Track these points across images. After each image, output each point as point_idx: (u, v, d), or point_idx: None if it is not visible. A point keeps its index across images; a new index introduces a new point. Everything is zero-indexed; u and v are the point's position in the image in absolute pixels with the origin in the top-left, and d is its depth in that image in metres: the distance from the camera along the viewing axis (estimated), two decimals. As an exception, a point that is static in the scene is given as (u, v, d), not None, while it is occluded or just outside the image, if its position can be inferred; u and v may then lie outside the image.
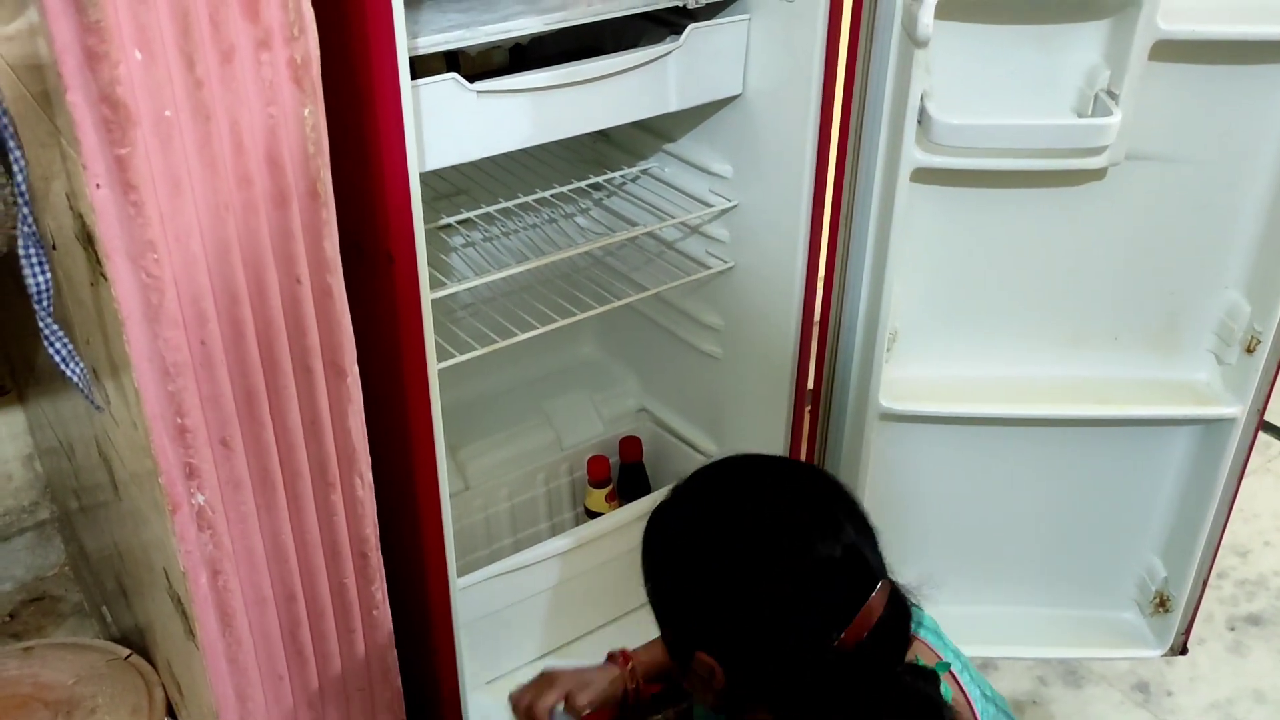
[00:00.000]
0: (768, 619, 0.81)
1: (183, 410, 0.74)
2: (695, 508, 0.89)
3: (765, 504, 0.85)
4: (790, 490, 0.87)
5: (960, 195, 1.35)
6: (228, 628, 0.84)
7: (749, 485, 0.89)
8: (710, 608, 0.83)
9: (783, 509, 0.85)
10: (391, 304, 1.09)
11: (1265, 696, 1.76)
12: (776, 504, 0.85)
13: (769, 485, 0.88)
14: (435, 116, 1.13)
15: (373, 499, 0.90)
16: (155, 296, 0.70)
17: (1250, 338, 1.37)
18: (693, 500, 0.90)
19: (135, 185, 0.66)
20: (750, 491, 0.87)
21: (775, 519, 0.84)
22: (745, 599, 0.81)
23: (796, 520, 0.84)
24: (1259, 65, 1.24)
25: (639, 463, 1.72)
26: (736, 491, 0.89)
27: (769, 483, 0.88)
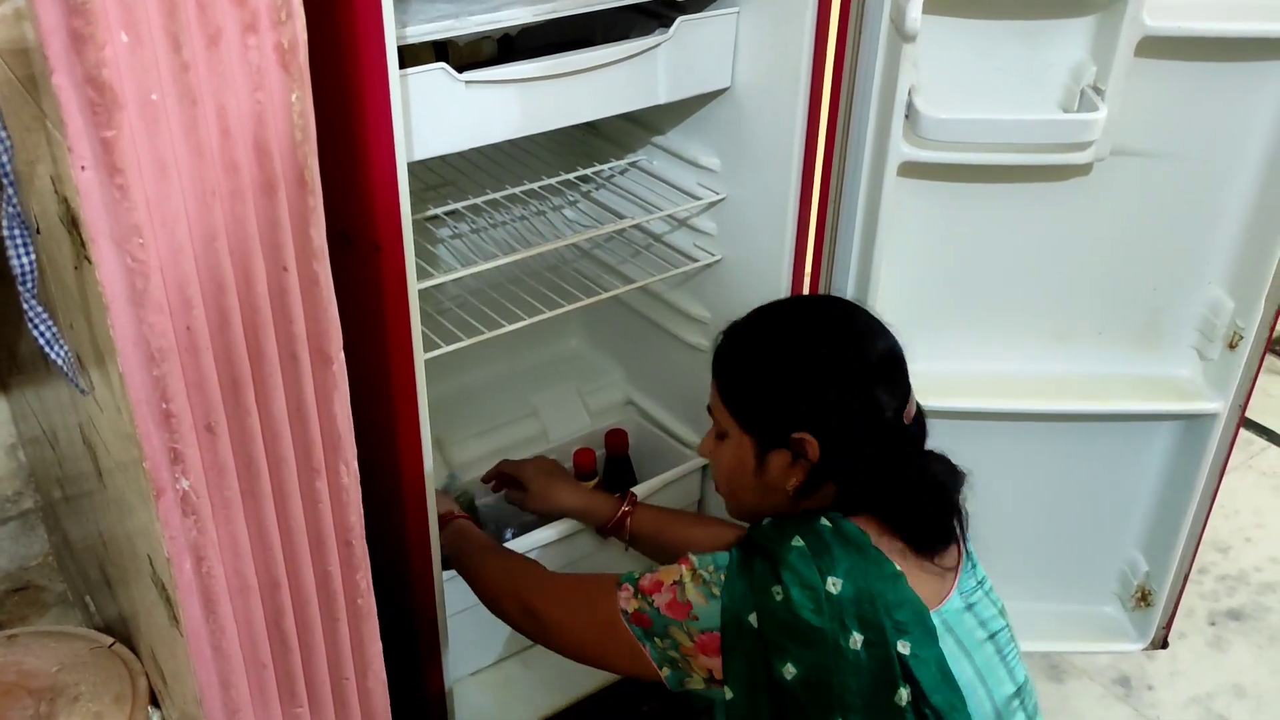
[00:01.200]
0: (862, 396, 1.04)
1: (167, 395, 0.74)
2: (788, 321, 1.11)
3: (843, 316, 1.11)
4: (852, 306, 1.14)
5: (947, 190, 1.35)
6: (211, 614, 0.84)
7: (823, 303, 1.16)
8: (815, 392, 1.04)
9: (854, 316, 1.10)
10: (378, 294, 1.09)
11: (1245, 691, 1.77)
12: (850, 313, 1.11)
13: (837, 303, 1.15)
14: (424, 106, 1.13)
15: (358, 487, 0.90)
16: (140, 281, 0.69)
17: (1233, 334, 1.38)
18: (783, 318, 1.13)
19: (121, 168, 0.66)
20: (829, 309, 1.13)
21: (854, 323, 1.09)
22: (843, 383, 1.04)
23: (867, 324, 1.09)
24: (1244, 62, 1.25)
25: (625, 455, 1.72)
26: (817, 309, 1.14)
27: (835, 302, 1.15)
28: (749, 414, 1.09)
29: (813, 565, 0.99)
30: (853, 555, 1.01)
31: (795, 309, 1.17)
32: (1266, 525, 2.11)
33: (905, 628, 0.99)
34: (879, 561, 1.02)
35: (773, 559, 1.01)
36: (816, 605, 0.98)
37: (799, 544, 1.01)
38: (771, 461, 1.07)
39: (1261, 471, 2.25)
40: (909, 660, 0.98)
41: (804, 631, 0.98)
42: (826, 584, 0.98)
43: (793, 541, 1.02)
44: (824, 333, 1.07)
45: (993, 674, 1.05)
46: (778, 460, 1.07)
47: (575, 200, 1.65)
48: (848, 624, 0.98)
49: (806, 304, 1.21)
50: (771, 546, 1.02)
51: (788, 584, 0.99)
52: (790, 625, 0.98)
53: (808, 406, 1.05)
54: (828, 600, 0.98)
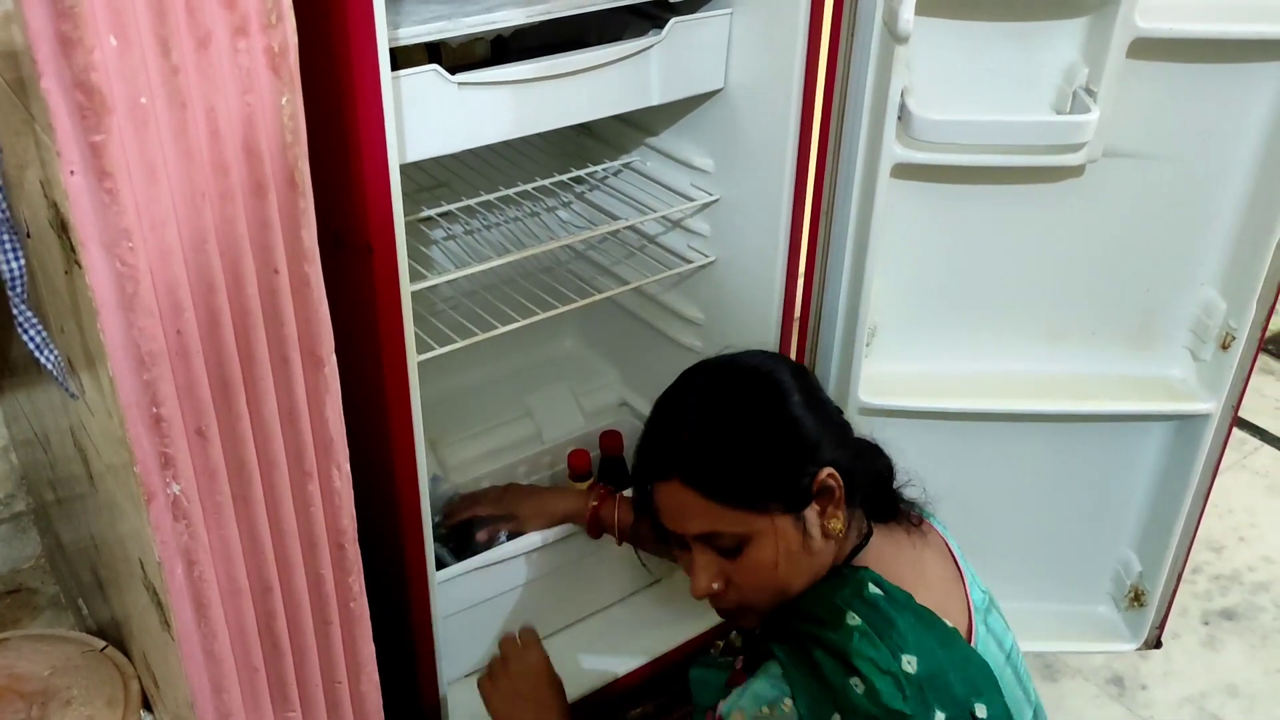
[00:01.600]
0: (825, 409, 1.05)
1: (158, 400, 0.74)
2: (713, 391, 1.05)
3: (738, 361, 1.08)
4: (733, 354, 1.09)
5: (940, 191, 1.35)
6: (203, 619, 0.84)
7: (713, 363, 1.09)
8: (802, 428, 1.01)
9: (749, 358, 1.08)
10: (371, 295, 1.09)
11: (1238, 690, 1.78)
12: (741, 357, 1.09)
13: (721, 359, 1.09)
14: (416, 108, 1.13)
15: (350, 490, 0.90)
16: (130, 285, 0.69)
17: (1225, 334, 1.38)
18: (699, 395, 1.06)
19: (110, 172, 0.66)
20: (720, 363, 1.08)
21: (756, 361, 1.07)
22: (809, 404, 1.03)
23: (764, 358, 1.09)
24: (1236, 64, 1.25)
25: (619, 456, 1.72)
26: (714, 368, 1.08)
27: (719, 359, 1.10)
28: (767, 492, 0.99)
29: (882, 646, 0.93)
30: (911, 622, 0.96)
31: (703, 381, 1.07)
32: (1259, 525, 2.12)
33: (979, 689, 0.95)
34: (933, 622, 0.98)
35: (838, 649, 0.93)
36: (900, 689, 0.92)
37: (858, 623, 0.94)
38: (810, 520, 1.00)
39: (1255, 471, 2.26)
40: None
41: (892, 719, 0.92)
42: (902, 664, 0.93)
43: (849, 621, 0.95)
44: (754, 378, 1.04)
45: (1014, 701, 1.02)
46: (813, 515, 1.00)
47: (569, 201, 1.64)
48: (930, 703, 0.92)
49: (705, 372, 1.09)
50: (829, 634, 0.94)
51: (867, 674, 0.92)
52: (877, 717, 0.91)
53: (809, 444, 1.00)
54: (908, 681, 0.92)
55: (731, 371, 1.06)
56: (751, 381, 1.04)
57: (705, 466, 0.98)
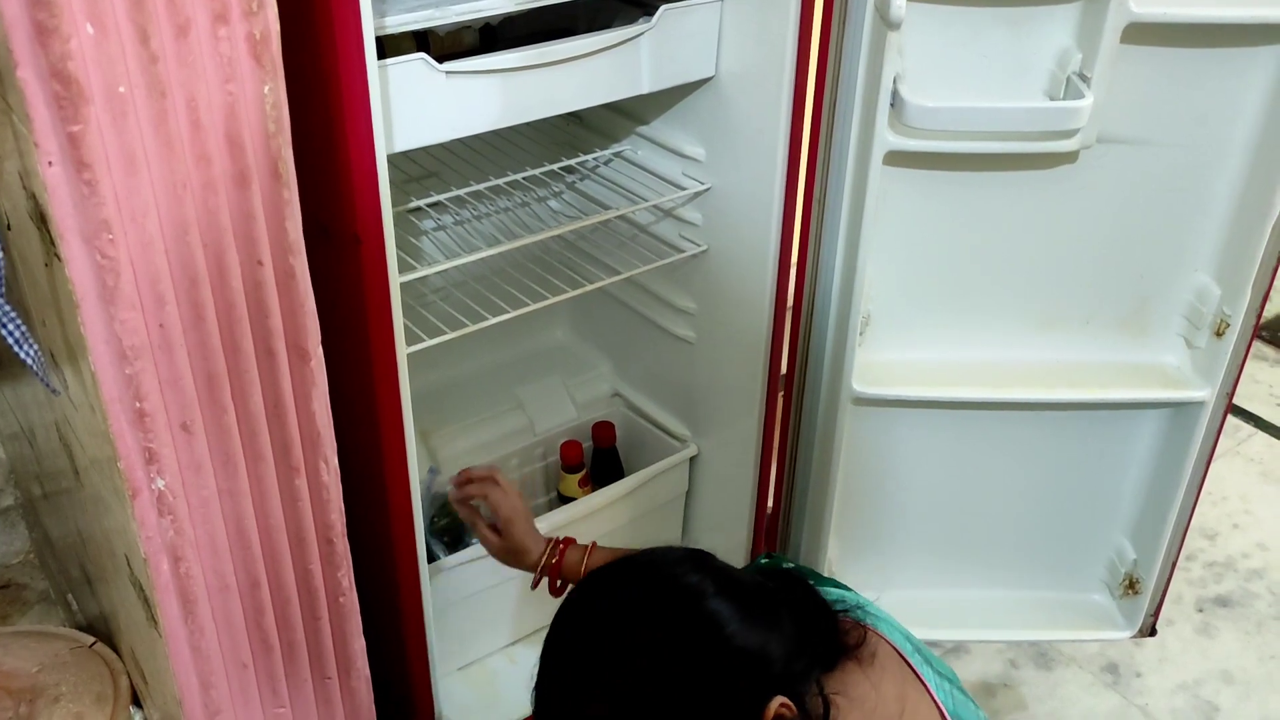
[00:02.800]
0: (762, 627, 0.84)
1: (141, 394, 0.73)
2: (658, 621, 0.83)
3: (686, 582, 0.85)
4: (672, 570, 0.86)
5: (933, 178, 1.34)
6: (190, 615, 0.83)
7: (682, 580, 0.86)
8: (752, 661, 0.83)
9: (690, 575, 0.85)
10: (359, 287, 1.07)
11: (1233, 677, 1.78)
12: (688, 579, 0.85)
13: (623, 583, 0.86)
14: (404, 97, 1.12)
15: (338, 484, 0.89)
16: (111, 278, 0.68)
17: (1219, 321, 1.38)
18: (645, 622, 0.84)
19: (89, 163, 0.64)
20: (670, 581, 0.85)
21: (705, 588, 0.84)
22: (756, 633, 0.83)
23: (699, 578, 0.85)
24: (1231, 48, 1.24)
25: (612, 448, 1.71)
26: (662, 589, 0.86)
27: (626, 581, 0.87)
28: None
29: None
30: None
31: (605, 631, 0.84)
32: (1254, 512, 2.12)
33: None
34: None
35: None
36: None
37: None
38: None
39: (1249, 458, 2.26)
40: None
41: None
42: None
43: None
44: (672, 609, 0.83)
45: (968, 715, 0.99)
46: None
47: (560, 191, 1.63)
48: None
49: (603, 611, 0.86)
50: None
51: None
52: None
53: (748, 677, 0.82)
54: None
55: (640, 603, 0.84)
56: (666, 614, 0.82)
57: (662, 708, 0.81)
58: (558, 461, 1.70)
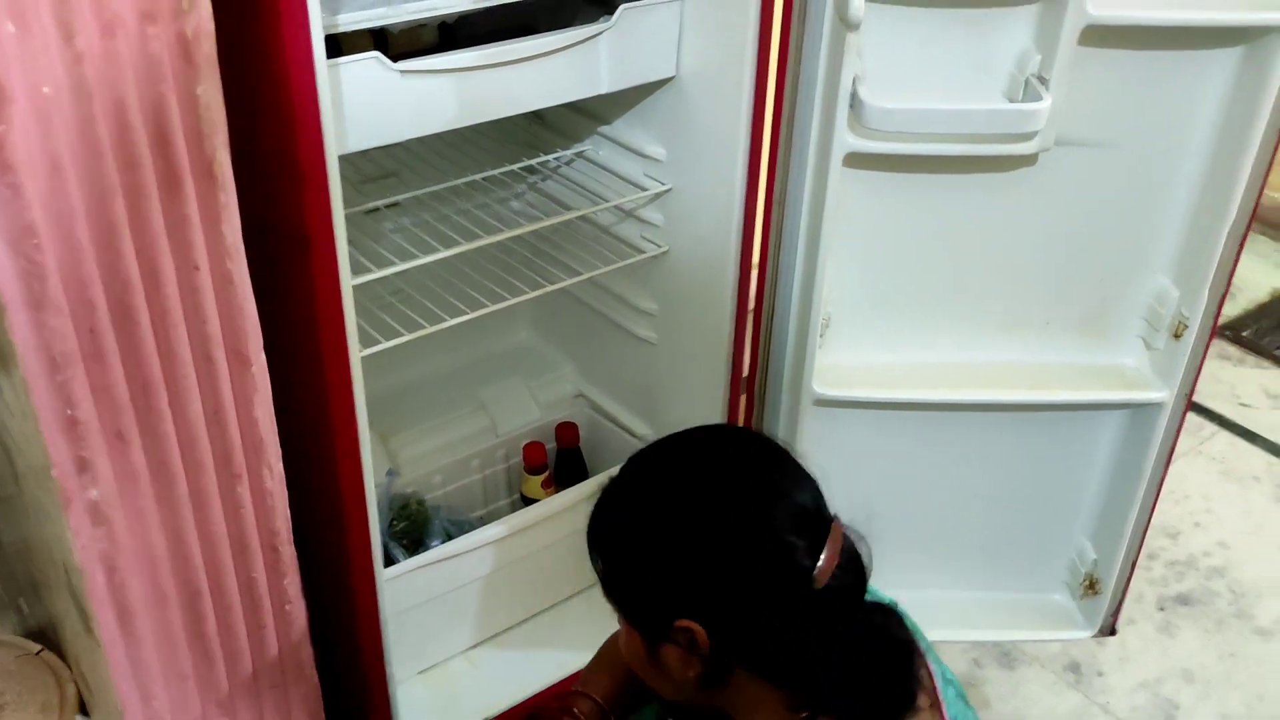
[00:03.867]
0: (750, 568, 0.84)
1: (72, 402, 0.71)
2: (656, 483, 0.91)
3: (724, 466, 0.89)
4: (741, 449, 0.91)
5: (893, 180, 1.34)
6: (127, 626, 0.81)
7: (701, 453, 0.92)
8: (691, 571, 0.85)
9: (741, 467, 0.89)
10: (309, 289, 1.06)
11: (1193, 676, 1.79)
12: (735, 463, 0.89)
13: (720, 449, 0.91)
14: (357, 96, 1.10)
15: (284, 490, 0.88)
16: (37, 284, 0.66)
17: (1178, 323, 1.39)
18: (650, 477, 0.92)
19: (11, 166, 0.63)
20: (705, 457, 0.90)
21: (738, 477, 0.88)
22: (725, 555, 0.84)
23: (757, 474, 0.88)
24: (1187, 50, 1.25)
25: (576, 449, 1.70)
26: (692, 460, 0.91)
27: (718, 447, 0.92)
28: (626, 603, 0.92)
29: None
30: None
31: (682, 460, 0.93)
32: (1215, 510, 2.13)
33: None
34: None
35: None
36: None
37: None
38: (666, 655, 0.88)
39: (1211, 457, 2.27)
40: None
41: None
42: None
43: None
44: (713, 491, 0.87)
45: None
46: (670, 653, 0.88)
47: (521, 192, 1.62)
48: None
49: (695, 451, 0.94)
50: None
51: None
52: None
53: (682, 589, 0.86)
54: None
55: (692, 465, 0.91)
56: (687, 489, 0.88)
57: (595, 547, 0.93)
58: (520, 463, 1.69)
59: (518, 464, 1.72)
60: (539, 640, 1.58)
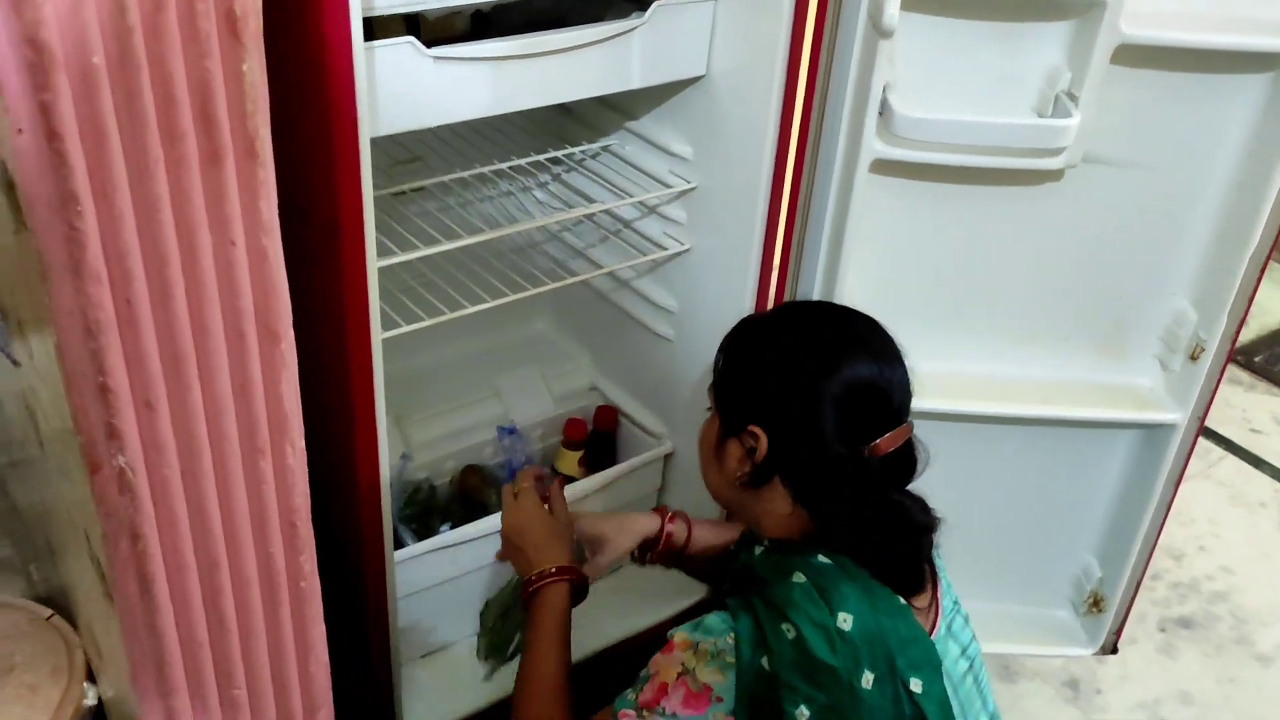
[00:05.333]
0: (819, 411, 1.00)
1: (105, 369, 0.72)
2: (793, 320, 1.08)
3: (848, 327, 1.07)
4: (868, 324, 1.08)
5: (918, 189, 1.35)
6: (146, 593, 0.82)
7: (843, 315, 1.10)
8: (781, 392, 1.01)
9: (860, 334, 1.06)
10: (336, 270, 1.07)
11: (1192, 698, 1.79)
12: (861, 336, 1.06)
13: (858, 320, 1.08)
14: (390, 81, 1.11)
15: (304, 468, 0.88)
16: (77, 251, 0.67)
17: (1195, 345, 1.39)
18: (791, 314, 1.11)
19: (59, 133, 0.64)
20: (844, 320, 1.08)
21: (854, 339, 1.05)
22: (809, 391, 1.00)
23: (869, 344, 1.05)
24: (1219, 75, 1.25)
25: (611, 432, 1.71)
26: (831, 316, 1.10)
27: (856, 318, 1.09)
28: (721, 394, 1.09)
29: (820, 602, 0.95)
30: (858, 590, 0.96)
31: (810, 313, 1.13)
32: (1221, 535, 2.13)
33: (917, 664, 0.96)
34: (885, 596, 0.98)
35: (776, 599, 0.95)
36: (829, 643, 0.93)
37: (801, 580, 0.97)
38: (728, 448, 1.06)
39: (1218, 481, 2.27)
40: (919, 699, 0.95)
41: (817, 670, 0.92)
42: (837, 620, 0.94)
43: (794, 579, 0.97)
44: (813, 339, 1.04)
45: (972, 707, 1.03)
46: (734, 449, 1.06)
47: (546, 182, 1.63)
48: (860, 662, 0.93)
49: (824, 311, 1.16)
50: (771, 584, 0.97)
51: (798, 622, 0.93)
52: (803, 664, 0.92)
53: (763, 401, 1.04)
54: (840, 637, 0.93)
55: (833, 319, 1.09)
56: (819, 331, 1.05)
57: (723, 345, 1.10)
58: (537, 452, 1.70)
59: (535, 452, 1.73)
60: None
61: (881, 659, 0.94)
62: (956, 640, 1.05)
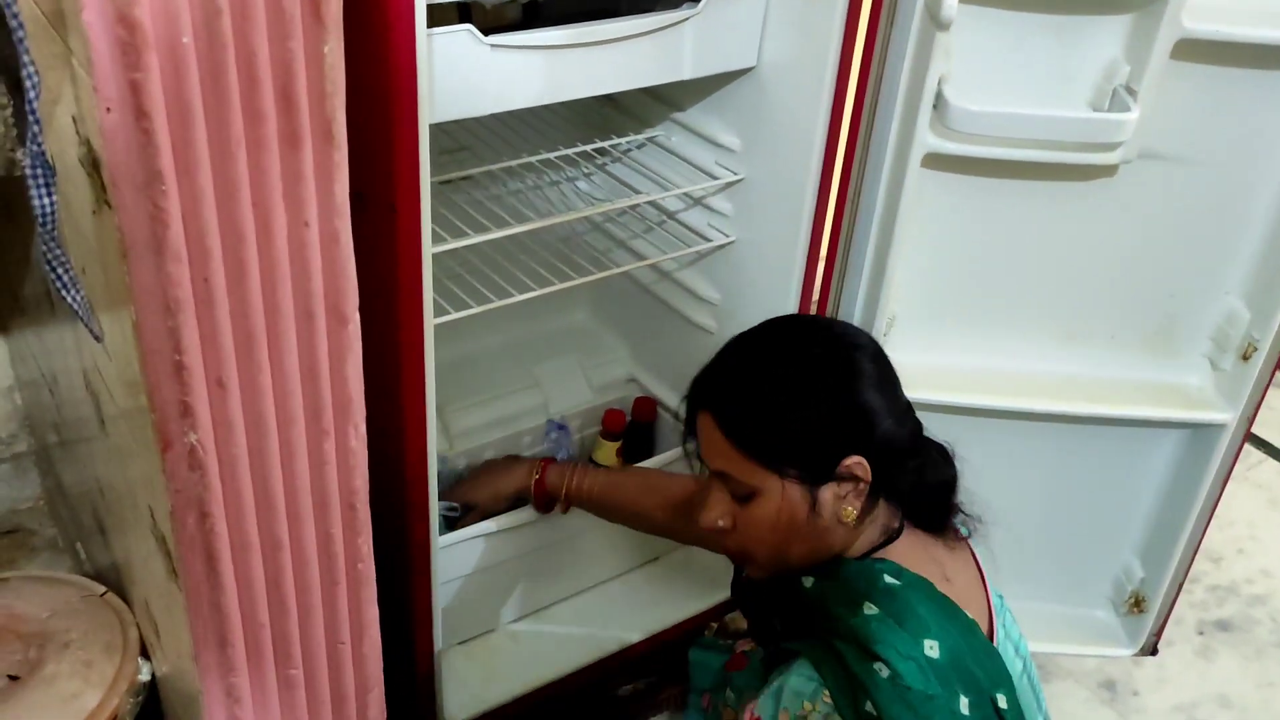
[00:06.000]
0: (876, 405, 1.01)
1: (180, 347, 0.73)
2: (782, 344, 1.05)
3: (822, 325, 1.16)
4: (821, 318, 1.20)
5: (969, 184, 1.34)
6: (211, 571, 0.83)
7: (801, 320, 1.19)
8: (856, 409, 1.00)
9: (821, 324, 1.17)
10: (392, 256, 1.07)
11: (1230, 702, 1.78)
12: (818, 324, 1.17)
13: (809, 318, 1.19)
14: (447, 68, 1.12)
15: (365, 451, 0.89)
16: (161, 229, 0.68)
17: (1247, 345, 1.37)
18: (767, 342, 1.07)
19: (147, 112, 0.64)
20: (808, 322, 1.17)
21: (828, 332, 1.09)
22: (875, 390, 1.02)
23: (834, 326, 1.14)
24: (1278, 71, 1.24)
25: (650, 423, 1.71)
26: (799, 325, 1.16)
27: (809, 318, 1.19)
28: (787, 456, 0.99)
29: (902, 632, 0.93)
30: (931, 609, 0.96)
31: (779, 332, 1.10)
32: (1259, 538, 2.12)
33: (997, 680, 0.95)
34: (953, 612, 0.98)
35: (858, 638, 0.93)
36: (924, 673, 0.92)
37: (875, 611, 0.94)
38: (824, 499, 0.99)
39: (1257, 484, 2.25)
40: (1005, 714, 0.95)
41: (919, 703, 0.91)
42: (924, 649, 0.93)
43: (866, 610, 0.95)
44: (830, 347, 1.04)
45: (1029, 708, 1.02)
46: (830, 495, 0.99)
47: (590, 173, 1.63)
48: (955, 688, 0.92)
49: (787, 324, 1.15)
50: (844, 619, 0.95)
51: (888, 658, 0.91)
52: (904, 700, 0.90)
53: (851, 427, 1.00)
54: (931, 666, 0.92)
55: (812, 332, 1.08)
56: (824, 349, 1.03)
57: (735, 411, 1.01)
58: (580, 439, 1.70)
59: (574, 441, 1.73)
60: (577, 620, 1.60)
61: (971, 682, 0.93)
62: (1010, 639, 1.05)
